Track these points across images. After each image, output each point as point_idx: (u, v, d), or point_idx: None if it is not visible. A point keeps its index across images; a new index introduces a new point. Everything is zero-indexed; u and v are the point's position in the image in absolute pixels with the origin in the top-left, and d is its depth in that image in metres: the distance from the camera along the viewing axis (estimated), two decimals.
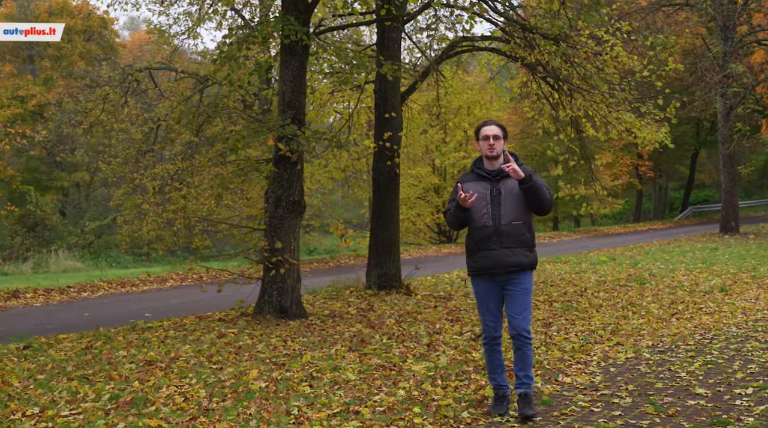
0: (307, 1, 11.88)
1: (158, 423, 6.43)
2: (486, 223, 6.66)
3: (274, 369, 8.57)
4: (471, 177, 6.86)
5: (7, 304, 16.08)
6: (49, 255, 36.25)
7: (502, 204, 6.63)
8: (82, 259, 37.73)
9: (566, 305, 13.45)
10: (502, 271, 6.68)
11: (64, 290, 17.98)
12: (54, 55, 50.04)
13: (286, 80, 11.85)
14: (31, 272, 31.87)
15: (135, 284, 19.61)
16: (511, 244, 6.63)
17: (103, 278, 20.36)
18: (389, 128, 14.67)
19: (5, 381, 8.07)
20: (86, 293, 17.94)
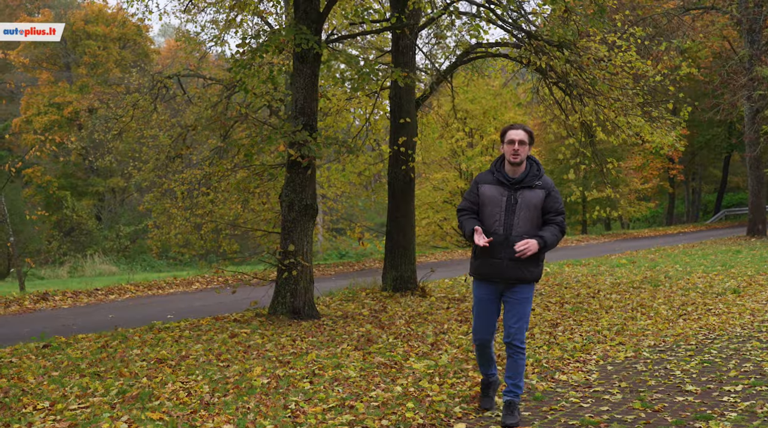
0: (318, 10, 12.23)
1: (160, 416, 6.76)
2: (497, 230, 6.50)
3: (279, 366, 8.89)
4: (490, 178, 6.66)
5: (37, 306, 16.54)
6: (85, 259, 36.85)
7: (517, 214, 6.48)
8: (116, 263, 38.33)
9: (577, 306, 13.66)
10: (505, 282, 6.59)
11: (92, 292, 18.43)
12: (90, 62, 50.87)
13: (299, 88, 12.20)
14: (67, 276, 32.49)
15: (161, 287, 20.04)
16: (519, 257, 6.45)
17: (130, 282, 20.81)
18: (404, 133, 14.98)
19: (21, 377, 8.48)
20: (113, 295, 18.37)
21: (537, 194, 6.52)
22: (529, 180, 6.55)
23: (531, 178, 6.56)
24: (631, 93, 14.66)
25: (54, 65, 52.73)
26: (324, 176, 18.70)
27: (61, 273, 33.86)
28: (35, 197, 48.85)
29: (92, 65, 50.85)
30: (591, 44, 13.76)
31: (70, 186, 49.92)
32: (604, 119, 14.28)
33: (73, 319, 14.28)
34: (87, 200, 50.08)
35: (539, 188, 6.54)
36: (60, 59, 52.78)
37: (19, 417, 6.84)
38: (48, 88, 50.41)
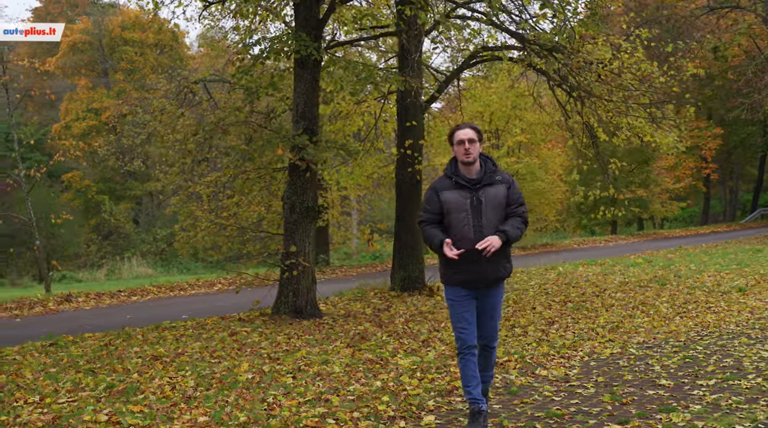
0: (318, 17, 12.57)
1: (141, 408, 7.12)
2: (467, 235, 6.32)
3: (268, 362, 9.23)
4: (449, 184, 6.49)
5: (60, 307, 17.03)
6: (122, 262, 37.43)
7: (484, 215, 6.33)
8: (153, 266, 38.89)
9: (579, 305, 13.84)
10: (486, 285, 6.46)
11: (115, 294, 18.91)
12: (127, 68, 51.67)
13: (299, 93, 12.55)
14: (104, 279, 33.05)
15: (183, 289, 20.48)
16: (495, 256, 6.31)
17: (153, 283, 21.26)
18: (410, 136, 15.27)
19: (18, 373, 8.90)
20: (136, 297, 18.83)
21: (499, 189, 6.40)
22: (488, 178, 6.42)
23: (489, 175, 6.44)
24: (636, 94, 14.79)
25: (92, 71, 53.63)
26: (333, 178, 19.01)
27: (98, 276, 34.39)
28: (74, 201, 49.70)
29: (129, 71, 51.64)
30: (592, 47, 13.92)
31: (108, 190, 50.71)
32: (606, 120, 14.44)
33: (91, 320, 14.70)
34: (125, 204, 50.85)
35: (500, 183, 6.42)
36: (98, 65, 53.66)
37: (9, 410, 7.22)
38: (86, 94, 51.30)
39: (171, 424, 6.64)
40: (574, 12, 12.43)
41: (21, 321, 15.12)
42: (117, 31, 52.04)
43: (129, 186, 51.40)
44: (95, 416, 6.86)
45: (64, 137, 49.36)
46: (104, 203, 47.16)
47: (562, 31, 12.44)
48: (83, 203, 49.95)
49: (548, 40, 12.29)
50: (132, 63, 51.83)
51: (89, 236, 47.26)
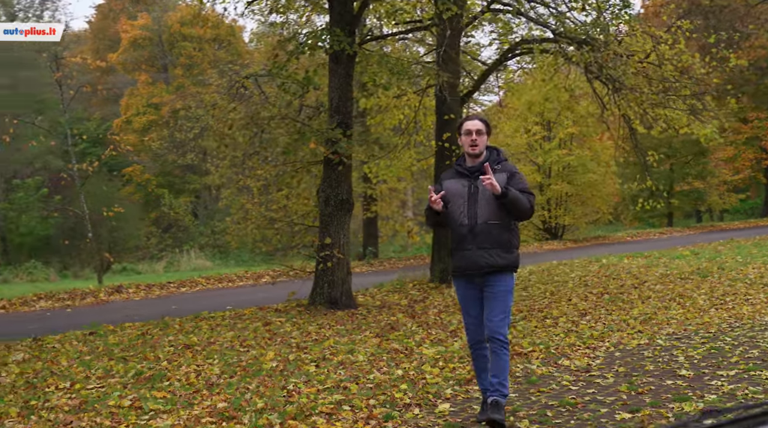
0: (352, 13, 12.75)
1: (164, 394, 7.39)
2: (462, 222, 6.35)
3: (294, 351, 9.45)
4: (451, 174, 6.57)
5: (110, 298, 17.49)
6: (181, 255, 38.05)
7: (479, 203, 6.29)
8: (211, 258, 39.46)
9: (615, 297, 13.84)
10: (478, 272, 6.35)
11: (164, 285, 19.34)
12: (185, 63, 52.34)
13: (333, 87, 12.77)
14: (162, 271, 33.68)
15: (232, 280, 20.84)
16: (487, 244, 6.27)
17: (202, 275, 21.67)
18: (448, 129, 15.38)
19: (55, 360, 9.26)
20: (185, 288, 19.24)
21: (498, 178, 6.20)
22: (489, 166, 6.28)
23: (491, 163, 6.32)
24: (676, 86, 14.71)
25: (152, 67, 54.41)
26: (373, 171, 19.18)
27: (157, 268, 35.03)
28: (135, 195, 50.52)
29: (188, 66, 52.28)
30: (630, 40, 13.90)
31: (168, 184, 51.39)
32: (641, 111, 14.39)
33: (138, 310, 15.07)
34: (184, 198, 51.49)
35: (500, 172, 6.28)
36: (158, 61, 54.44)
37: (40, 395, 7.55)
38: (146, 89, 52.08)
39: (191, 410, 6.87)
40: (614, 7, 12.47)
41: (71, 311, 15.55)
42: (176, 27, 52.71)
43: (188, 180, 52.05)
44: (119, 401, 7.15)
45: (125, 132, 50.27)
46: (164, 196, 47.85)
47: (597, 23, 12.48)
48: (143, 196, 50.72)
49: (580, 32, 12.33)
50: (190, 58, 52.45)
51: (149, 229, 48.01)
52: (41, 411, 6.96)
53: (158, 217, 48.74)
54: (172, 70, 53.78)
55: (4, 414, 6.88)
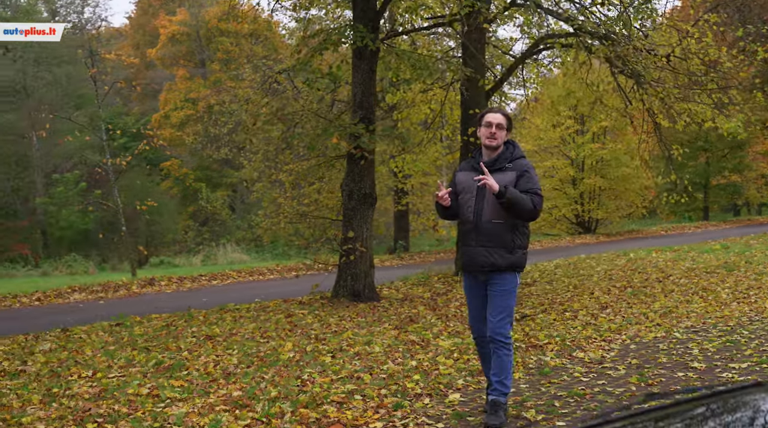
0: (375, 9, 12.91)
1: (182, 383, 7.60)
2: (468, 217, 6.31)
3: (312, 342, 9.63)
4: (467, 165, 6.53)
5: (143, 291, 17.81)
6: (218, 248, 38.44)
7: (485, 200, 6.20)
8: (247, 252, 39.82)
9: (638, 290, 13.87)
10: (479, 270, 6.31)
11: (196, 278, 19.64)
12: (222, 58, 52.77)
13: (357, 83, 12.95)
14: (200, 264, 34.07)
15: (262, 274, 21.12)
16: (489, 243, 6.19)
17: (233, 268, 21.95)
18: (473, 123, 15.46)
19: (80, 350, 9.53)
20: (216, 281, 19.52)
21: (507, 176, 6.16)
22: (499, 163, 6.25)
23: (501, 161, 6.26)
24: (702, 80, 14.69)
25: (190, 62, 54.91)
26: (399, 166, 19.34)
27: (194, 262, 35.42)
28: (173, 189, 51.05)
29: (225, 61, 52.69)
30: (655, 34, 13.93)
31: (205, 178, 51.85)
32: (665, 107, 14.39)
33: (168, 302, 15.32)
34: (221, 192, 51.95)
35: (510, 171, 6.20)
36: (195, 56, 54.93)
37: (63, 383, 7.80)
38: (184, 84, 52.59)
39: (206, 398, 7.07)
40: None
41: (104, 303, 15.86)
42: (213, 22, 53.16)
43: (225, 174, 52.46)
44: (138, 389, 7.37)
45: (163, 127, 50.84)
46: (201, 190, 48.32)
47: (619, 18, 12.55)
48: (181, 190, 51.26)
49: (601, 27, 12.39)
50: (228, 53, 52.87)
51: (187, 223, 48.52)
52: (62, 398, 7.20)
53: (196, 211, 49.22)
54: (209, 65, 54.24)
55: (26, 401, 7.13)
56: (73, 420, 6.45)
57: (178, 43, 53.90)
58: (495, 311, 6.33)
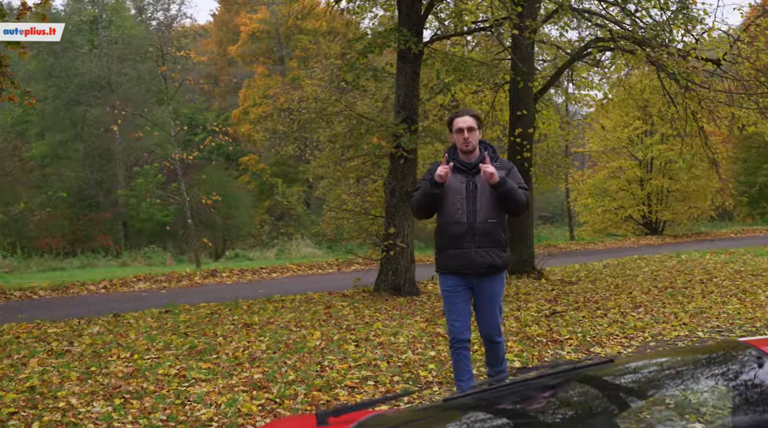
0: (419, 13, 13.38)
1: (209, 365, 8.18)
2: (460, 219, 6.23)
3: (340, 332, 10.13)
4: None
5: (205, 281, 18.53)
6: (291, 243, 39.21)
7: (479, 200, 6.20)
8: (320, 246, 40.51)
9: (679, 291, 14.03)
10: (475, 272, 6.28)
11: (257, 270, 20.31)
12: (301, 56, 53.63)
13: (401, 84, 13.44)
14: (274, 258, 34.86)
15: (321, 267, 21.71)
16: (486, 244, 6.22)
17: (292, 261, 22.58)
18: (521, 124, 15.85)
19: (124, 333, 10.20)
20: (276, 274, 20.17)
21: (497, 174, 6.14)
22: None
23: (489, 160, 6.22)
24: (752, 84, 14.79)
25: (269, 59, 55.93)
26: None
27: (268, 255, 36.15)
28: (250, 184, 52.08)
29: (303, 59, 53.51)
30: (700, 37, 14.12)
31: (282, 173, 52.75)
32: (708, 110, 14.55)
33: (225, 293, 15.92)
34: (297, 187, 52.80)
35: (498, 169, 6.19)
36: (275, 53, 55.93)
37: (102, 363, 8.45)
38: (263, 80, 53.61)
39: (229, 380, 7.63)
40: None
41: (166, 292, 16.57)
42: (293, 20, 54.02)
43: (301, 169, 53.30)
44: (168, 370, 7.97)
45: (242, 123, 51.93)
46: (277, 185, 49.21)
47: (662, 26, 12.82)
48: (258, 185, 52.25)
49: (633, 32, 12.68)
50: (306, 51, 53.69)
51: (263, 218, 49.49)
52: (98, 376, 7.83)
53: (272, 206, 50.15)
54: (288, 62, 55.17)
55: (66, 377, 7.78)
56: (103, 396, 7.05)
57: (258, 41, 54.95)
58: (488, 312, 6.41)
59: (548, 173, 22.23)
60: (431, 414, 3.11)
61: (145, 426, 6.19)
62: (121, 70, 43.84)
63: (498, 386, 3.15)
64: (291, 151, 26.24)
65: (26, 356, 8.93)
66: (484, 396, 3.08)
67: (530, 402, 2.91)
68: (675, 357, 3.36)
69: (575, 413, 2.77)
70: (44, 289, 16.32)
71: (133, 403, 6.81)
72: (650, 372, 3.07)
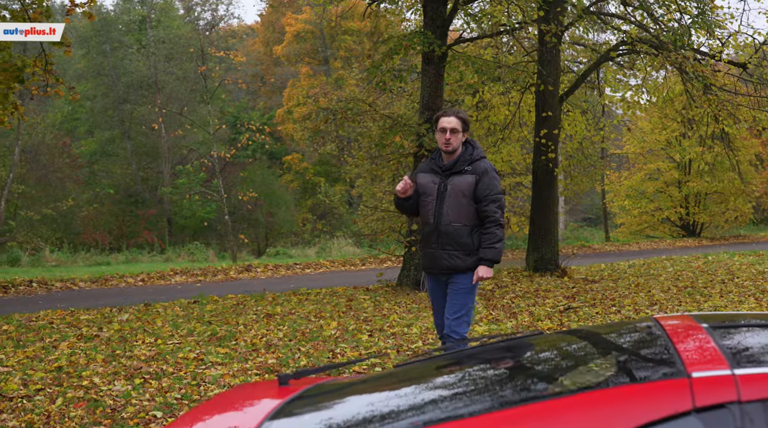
0: (444, 17, 13.78)
1: (227, 351, 8.66)
2: (429, 220, 6.37)
3: (358, 323, 10.57)
4: (427, 167, 6.55)
5: (239, 276, 19.07)
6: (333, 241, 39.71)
7: (446, 203, 6.26)
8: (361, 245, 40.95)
9: (698, 290, 14.21)
10: (440, 272, 6.40)
11: (291, 266, 20.83)
12: (344, 56, 54.17)
13: (425, 85, 13.86)
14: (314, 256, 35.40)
15: (354, 264, 22.16)
16: (449, 246, 6.27)
17: (326, 258, 23.05)
18: (546, 126, 16.18)
19: (151, 321, 10.73)
20: (309, 270, 20.67)
21: (465, 179, 6.26)
22: (458, 166, 6.31)
23: (461, 163, 6.31)
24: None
25: (313, 59, 56.53)
26: None
27: (309, 253, 36.66)
28: (293, 182, 52.72)
29: (346, 59, 54.03)
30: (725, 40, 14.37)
31: (325, 173, 53.29)
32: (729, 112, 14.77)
33: (256, 287, 16.40)
34: (339, 186, 53.31)
35: (469, 174, 6.26)
36: (319, 54, 56.52)
37: (127, 347, 8.97)
38: (307, 80, 54.21)
39: (244, 364, 8.09)
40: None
41: (200, 285, 17.11)
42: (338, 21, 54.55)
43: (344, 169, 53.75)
44: (187, 354, 8.46)
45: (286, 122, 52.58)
46: (320, 184, 49.76)
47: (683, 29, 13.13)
48: (301, 184, 52.85)
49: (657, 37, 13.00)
50: (350, 51, 54.19)
51: (305, 216, 50.09)
52: (122, 358, 8.34)
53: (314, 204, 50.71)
54: (332, 62, 55.72)
55: (92, 359, 8.30)
56: (124, 376, 7.55)
57: (303, 41, 55.55)
58: (452, 310, 6.36)
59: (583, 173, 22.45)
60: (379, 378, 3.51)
61: (161, 403, 6.64)
62: (167, 69, 44.63)
63: (440, 354, 3.56)
64: (329, 150, 26.65)
65: (57, 339, 9.48)
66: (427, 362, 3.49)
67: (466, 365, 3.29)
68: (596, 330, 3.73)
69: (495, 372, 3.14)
70: (84, 281, 16.97)
71: (151, 383, 7.29)
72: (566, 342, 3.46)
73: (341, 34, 54.76)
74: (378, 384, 3.25)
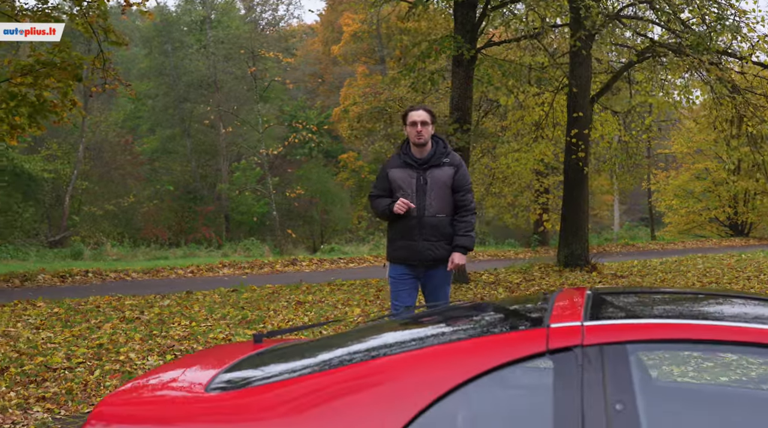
0: (473, 21, 14.42)
1: (253, 331, 9.39)
2: (410, 212, 6.44)
3: (382, 311, 11.24)
4: (397, 162, 6.65)
5: (285, 269, 19.86)
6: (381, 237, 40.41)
7: (428, 195, 6.45)
8: None
9: (721, 285, 14.63)
10: (422, 263, 6.52)
11: (335, 260, 21.58)
12: (398, 56, 54.76)
13: (455, 87, 14.52)
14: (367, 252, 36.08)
15: None
16: (433, 237, 6.44)
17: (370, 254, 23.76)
18: (577, 125, 16.67)
19: (189, 306, 11.55)
20: (353, 264, 21.40)
21: (446, 171, 6.49)
22: (436, 158, 6.52)
23: (438, 156, 6.53)
24: None
25: (370, 59, 57.23)
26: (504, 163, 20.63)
27: (362, 250, 37.35)
28: (348, 181, 53.52)
29: (399, 59, 54.57)
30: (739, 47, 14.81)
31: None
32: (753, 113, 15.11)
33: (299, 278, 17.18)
34: None
35: (448, 166, 6.51)
36: (376, 53, 57.20)
37: (164, 328, 9.78)
38: (363, 80, 54.91)
39: None
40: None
41: (246, 277, 17.93)
42: (393, 21, 55.18)
43: None
44: (217, 335, 9.23)
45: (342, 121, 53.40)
46: None
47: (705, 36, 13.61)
48: (356, 182, 53.60)
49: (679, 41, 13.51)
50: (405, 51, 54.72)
51: (360, 214, 50.85)
52: (158, 338, 9.14)
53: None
54: (389, 62, 56.37)
55: (131, 338, 9.11)
56: (158, 352, 8.34)
57: (360, 41, 56.18)
58: (444, 300, 6.62)
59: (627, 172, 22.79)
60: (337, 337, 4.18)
61: None
62: (225, 69, 45.62)
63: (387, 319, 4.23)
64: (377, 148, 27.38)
65: (102, 321, 10.33)
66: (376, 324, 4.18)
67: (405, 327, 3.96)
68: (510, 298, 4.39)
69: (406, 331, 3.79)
70: (137, 272, 17.89)
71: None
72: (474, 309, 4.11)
73: (398, 34, 55.33)
74: (325, 344, 3.89)
